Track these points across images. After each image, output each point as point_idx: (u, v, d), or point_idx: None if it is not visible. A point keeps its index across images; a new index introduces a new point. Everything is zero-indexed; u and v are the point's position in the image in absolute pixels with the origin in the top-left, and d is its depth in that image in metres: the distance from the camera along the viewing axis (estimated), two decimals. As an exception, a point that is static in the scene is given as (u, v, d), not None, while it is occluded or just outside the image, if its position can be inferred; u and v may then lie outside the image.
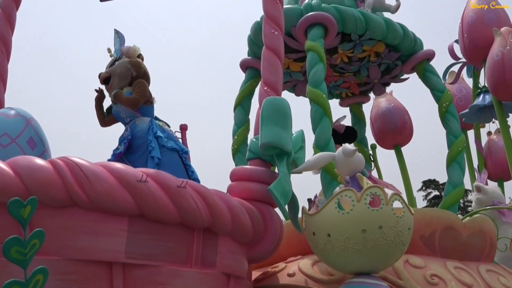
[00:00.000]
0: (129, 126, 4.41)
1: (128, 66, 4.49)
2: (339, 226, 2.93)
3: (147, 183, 2.59)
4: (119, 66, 4.57)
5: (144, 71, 4.65)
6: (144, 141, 4.25)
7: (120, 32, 4.89)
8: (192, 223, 2.74)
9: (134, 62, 4.61)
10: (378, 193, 2.96)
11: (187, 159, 4.42)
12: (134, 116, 4.42)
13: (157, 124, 4.41)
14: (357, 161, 3.41)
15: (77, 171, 2.52)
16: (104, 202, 2.51)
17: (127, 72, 4.49)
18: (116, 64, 4.62)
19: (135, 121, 4.40)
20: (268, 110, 3.18)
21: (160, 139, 4.27)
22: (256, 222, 3.09)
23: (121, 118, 4.53)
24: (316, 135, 4.72)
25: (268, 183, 3.06)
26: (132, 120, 4.42)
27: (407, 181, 6.93)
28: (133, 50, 4.76)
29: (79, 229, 2.50)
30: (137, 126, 4.36)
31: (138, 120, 4.40)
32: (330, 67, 6.24)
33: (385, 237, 2.88)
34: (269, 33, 3.75)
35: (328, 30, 5.21)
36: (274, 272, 3.64)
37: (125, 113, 4.44)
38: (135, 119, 4.42)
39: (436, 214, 4.12)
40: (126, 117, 4.48)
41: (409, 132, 7.10)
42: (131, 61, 4.60)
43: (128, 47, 4.78)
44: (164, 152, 4.23)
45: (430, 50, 5.98)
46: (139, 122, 4.38)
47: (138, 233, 2.59)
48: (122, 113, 4.46)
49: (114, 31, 4.88)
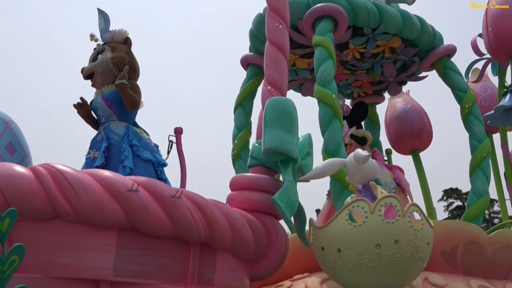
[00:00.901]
0: (103, 129, 4.35)
1: (110, 66, 4.40)
2: (350, 240, 2.93)
3: (138, 192, 2.59)
4: (101, 64, 4.50)
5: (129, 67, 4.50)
6: (118, 149, 4.20)
7: (104, 12, 4.77)
8: (188, 237, 2.74)
9: (117, 59, 4.51)
10: (394, 204, 2.96)
11: (163, 172, 4.35)
12: (110, 118, 4.37)
13: (133, 131, 4.34)
14: (371, 168, 3.40)
15: (61, 179, 2.52)
16: (91, 214, 2.51)
17: (109, 72, 4.45)
18: (98, 60, 4.55)
19: (109, 124, 4.35)
20: (271, 111, 3.18)
21: (134, 148, 4.21)
22: (259, 236, 3.09)
23: (97, 115, 4.48)
24: (325, 139, 4.72)
25: (271, 192, 3.06)
26: (107, 122, 4.38)
27: (426, 190, 6.92)
28: (119, 35, 4.67)
29: (63, 244, 2.50)
30: (111, 130, 4.28)
31: (113, 124, 4.32)
32: (341, 64, 6.25)
33: (401, 252, 2.88)
34: (272, 27, 3.76)
35: (338, 23, 5.22)
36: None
37: (103, 111, 4.38)
38: (110, 121, 4.38)
39: (458, 227, 4.12)
40: (102, 116, 4.46)
41: (428, 136, 7.09)
42: (113, 58, 4.51)
43: (113, 32, 4.69)
44: (138, 162, 4.14)
45: (451, 45, 5.99)
46: (114, 126, 4.30)
47: (128, 248, 2.59)
48: (100, 110, 4.42)
49: (98, 10, 4.76)
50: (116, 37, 4.67)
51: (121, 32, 4.70)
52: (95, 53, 4.62)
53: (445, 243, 3.81)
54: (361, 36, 5.68)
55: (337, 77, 5.86)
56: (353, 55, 6.06)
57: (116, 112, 4.42)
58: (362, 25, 5.50)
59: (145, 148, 4.35)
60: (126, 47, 4.67)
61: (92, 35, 4.73)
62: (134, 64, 4.64)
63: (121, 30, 4.71)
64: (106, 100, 4.44)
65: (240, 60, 6.39)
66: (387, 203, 2.95)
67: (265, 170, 3.34)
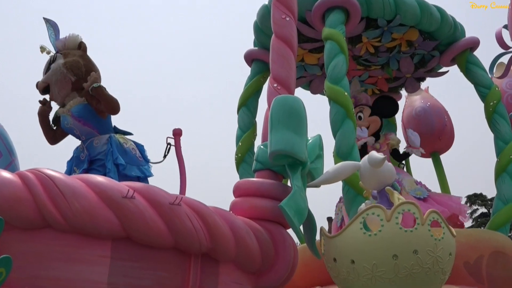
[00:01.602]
0: (85, 147, 4.31)
1: (64, 72, 4.38)
2: (365, 251, 2.92)
3: (134, 199, 2.59)
4: (54, 73, 4.42)
5: (86, 70, 4.46)
6: (103, 169, 4.16)
7: (51, 21, 4.68)
8: (188, 247, 2.74)
9: (70, 63, 4.43)
10: (412, 211, 2.95)
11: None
12: (90, 135, 4.32)
13: (117, 143, 4.34)
14: (386, 172, 3.40)
15: (51, 185, 2.52)
16: (83, 223, 2.51)
17: (65, 79, 4.39)
18: (50, 70, 4.46)
19: (92, 141, 4.29)
20: (278, 111, 3.18)
21: (121, 167, 4.22)
22: (265, 246, 3.08)
23: (74, 134, 4.47)
24: (337, 141, 4.73)
25: (279, 199, 3.05)
26: (89, 140, 4.36)
27: (448, 195, 6.90)
28: (70, 41, 4.59)
29: (53, 255, 2.50)
30: (95, 149, 4.24)
31: (96, 140, 4.27)
32: (353, 59, 6.25)
33: (421, 263, 2.87)
34: (279, 19, 3.76)
35: (350, 14, 5.22)
36: (287, 306, 3.63)
37: (80, 130, 4.28)
38: (92, 138, 4.31)
39: (483, 236, 4.10)
40: (81, 135, 4.43)
41: (449, 137, 7.08)
42: (66, 63, 4.42)
43: (64, 39, 4.60)
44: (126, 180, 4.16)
45: (474, 38, 5.98)
46: (97, 143, 4.24)
47: (123, 260, 2.59)
48: (76, 130, 4.40)
49: (44, 20, 4.67)
50: (68, 43, 4.60)
51: (73, 37, 4.62)
52: (47, 64, 4.53)
53: (469, 253, 3.80)
54: (375, 29, 5.68)
55: (349, 73, 5.86)
56: (367, 49, 6.07)
57: (93, 127, 4.38)
58: (376, 17, 5.50)
59: (132, 164, 4.31)
60: (80, 52, 4.59)
61: (43, 48, 4.62)
62: (91, 67, 4.56)
63: (72, 36, 4.63)
64: (78, 119, 4.38)
65: (244, 56, 6.41)
66: (405, 210, 2.94)
67: (271, 174, 3.34)
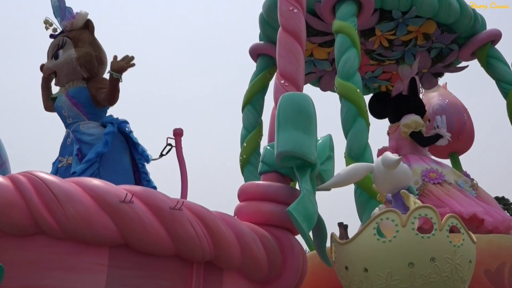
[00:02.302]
0: (71, 131, 4.37)
1: (77, 68, 4.46)
2: (379, 258, 2.92)
3: (132, 204, 2.60)
4: (65, 65, 4.50)
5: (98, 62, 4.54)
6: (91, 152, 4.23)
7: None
8: (190, 255, 2.75)
9: (84, 59, 4.49)
10: (429, 215, 2.95)
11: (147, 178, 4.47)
12: (78, 118, 4.39)
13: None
14: (402, 174, 3.40)
15: (44, 189, 2.54)
16: (79, 229, 2.52)
17: (76, 73, 4.49)
18: (61, 59, 4.54)
19: (78, 125, 4.38)
20: (286, 109, 3.19)
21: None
22: (272, 254, 3.09)
23: (62, 116, 4.54)
24: (349, 141, 4.73)
25: (286, 203, 3.07)
26: (75, 124, 4.42)
27: (468, 199, 6.87)
28: (78, 19, 4.62)
29: (47, 264, 2.52)
30: (82, 132, 4.32)
31: (83, 125, 4.36)
32: (366, 53, 6.25)
33: (439, 272, 2.87)
34: (286, 11, 3.77)
35: (363, 6, 5.23)
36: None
37: (69, 111, 4.42)
38: (78, 122, 4.42)
39: (505, 243, 4.09)
40: (68, 116, 4.49)
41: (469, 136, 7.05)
42: (79, 57, 4.48)
43: (72, 18, 4.62)
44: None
45: (495, 30, 5.97)
46: (84, 127, 4.33)
47: (121, 268, 2.60)
48: (65, 111, 4.47)
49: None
50: (76, 23, 4.64)
51: (81, 15, 4.65)
52: (54, 48, 4.58)
53: (490, 261, 3.79)
54: (389, 21, 5.67)
55: (361, 68, 5.86)
56: (380, 43, 6.06)
57: (84, 111, 4.46)
58: (391, 8, 5.50)
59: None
60: (88, 35, 4.65)
61: (47, 21, 4.67)
62: (101, 56, 4.65)
63: (80, 13, 4.65)
64: (71, 98, 4.47)
65: (249, 50, 6.41)
66: (422, 214, 2.95)
67: (278, 177, 3.35)
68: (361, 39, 5.69)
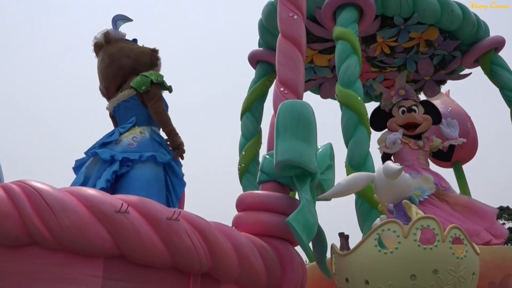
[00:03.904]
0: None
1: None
2: (380, 270, 2.92)
3: (128, 214, 2.60)
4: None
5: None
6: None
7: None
8: (187, 266, 2.75)
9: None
10: (431, 226, 2.95)
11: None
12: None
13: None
14: (403, 184, 3.40)
15: (38, 199, 2.53)
16: (73, 240, 2.52)
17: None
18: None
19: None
20: (285, 117, 3.19)
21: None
22: (271, 265, 3.08)
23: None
24: (349, 150, 4.72)
25: (286, 213, 3.06)
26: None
27: (471, 209, 6.87)
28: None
29: (40, 275, 2.50)
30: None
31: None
32: (367, 60, 6.27)
33: (441, 284, 2.87)
34: (286, 17, 3.78)
35: (364, 12, 5.24)
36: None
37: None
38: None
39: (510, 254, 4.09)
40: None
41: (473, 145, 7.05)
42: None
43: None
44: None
45: (499, 37, 5.98)
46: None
47: (116, 280, 2.59)
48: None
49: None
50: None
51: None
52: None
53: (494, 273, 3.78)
54: (391, 27, 5.69)
55: (362, 75, 5.88)
56: (382, 50, 6.08)
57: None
58: (393, 14, 5.52)
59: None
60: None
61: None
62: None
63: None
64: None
65: (248, 57, 6.43)
66: (424, 225, 2.94)
67: (278, 186, 3.35)
68: (362, 46, 5.70)
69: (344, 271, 3.12)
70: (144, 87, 4.27)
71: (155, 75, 4.33)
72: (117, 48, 4.58)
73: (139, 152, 4.06)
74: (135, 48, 4.64)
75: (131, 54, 4.53)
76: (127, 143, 4.13)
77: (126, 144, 4.13)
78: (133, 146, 4.11)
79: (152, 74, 4.34)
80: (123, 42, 4.68)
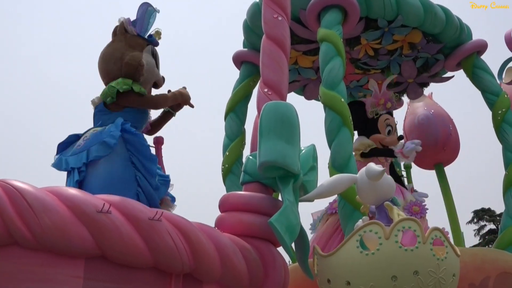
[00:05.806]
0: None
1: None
2: (362, 271, 2.93)
3: (110, 214, 2.59)
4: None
5: None
6: None
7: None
8: (169, 266, 2.74)
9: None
10: (413, 228, 2.97)
11: None
12: None
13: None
14: (386, 185, 3.42)
15: (18, 198, 2.52)
16: (54, 240, 2.50)
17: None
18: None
19: None
20: (269, 119, 3.19)
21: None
22: (253, 266, 3.09)
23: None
24: (332, 152, 4.73)
25: (269, 214, 3.06)
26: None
27: (452, 211, 6.92)
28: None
29: (21, 275, 2.49)
30: None
31: None
32: (351, 62, 6.29)
33: (422, 285, 2.88)
34: (270, 18, 3.78)
35: (348, 14, 5.25)
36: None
37: None
38: None
39: (489, 256, 4.12)
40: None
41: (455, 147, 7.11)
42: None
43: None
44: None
45: (481, 41, 6.03)
46: None
47: (97, 280, 2.58)
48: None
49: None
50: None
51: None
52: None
53: (474, 275, 3.81)
54: (375, 30, 5.71)
55: (346, 77, 5.89)
56: (366, 52, 6.10)
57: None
58: (377, 17, 5.54)
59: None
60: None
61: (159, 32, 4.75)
62: None
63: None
64: None
65: (232, 58, 6.42)
66: (405, 227, 2.96)
67: (261, 187, 3.35)
68: (346, 48, 5.72)
69: (326, 272, 3.13)
70: (109, 98, 4.13)
71: (121, 84, 4.17)
72: (113, 48, 4.43)
73: (85, 150, 3.85)
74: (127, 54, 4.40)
75: (118, 62, 4.35)
76: (77, 144, 3.99)
77: (76, 145, 4.00)
78: (80, 145, 3.99)
79: (119, 83, 4.18)
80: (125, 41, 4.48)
